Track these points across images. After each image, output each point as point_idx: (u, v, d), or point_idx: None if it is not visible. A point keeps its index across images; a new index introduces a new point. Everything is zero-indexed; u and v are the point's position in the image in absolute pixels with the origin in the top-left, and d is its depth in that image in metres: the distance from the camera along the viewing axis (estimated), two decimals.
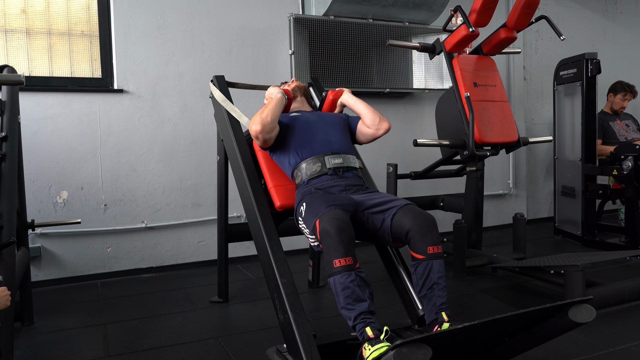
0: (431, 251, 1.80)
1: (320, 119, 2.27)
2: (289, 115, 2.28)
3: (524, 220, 3.37)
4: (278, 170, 2.27)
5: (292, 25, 3.68)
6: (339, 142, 2.17)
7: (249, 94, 3.69)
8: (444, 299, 1.78)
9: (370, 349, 1.58)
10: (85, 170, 3.32)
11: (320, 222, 1.75)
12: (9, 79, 2.26)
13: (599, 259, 2.59)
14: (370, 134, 2.25)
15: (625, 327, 2.31)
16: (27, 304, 2.55)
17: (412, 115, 4.31)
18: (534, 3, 2.89)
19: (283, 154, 2.18)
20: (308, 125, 2.20)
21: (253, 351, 2.15)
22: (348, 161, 2.12)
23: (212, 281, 3.02)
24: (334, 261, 1.69)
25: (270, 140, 2.13)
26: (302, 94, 2.47)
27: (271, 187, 2.23)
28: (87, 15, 3.36)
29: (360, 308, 1.66)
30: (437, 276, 1.79)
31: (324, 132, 2.18)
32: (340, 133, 2.22)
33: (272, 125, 2.09)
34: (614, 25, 5.30)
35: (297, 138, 2.16)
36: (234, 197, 2.63)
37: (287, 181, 2.24)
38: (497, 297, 2.80)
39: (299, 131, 2.18)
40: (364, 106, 2.27)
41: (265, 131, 2.07)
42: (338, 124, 2.27)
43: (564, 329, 1.52)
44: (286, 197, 2.19)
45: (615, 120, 4.35)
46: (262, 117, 2.08)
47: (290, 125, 2.20)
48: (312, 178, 2.06)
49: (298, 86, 2.47)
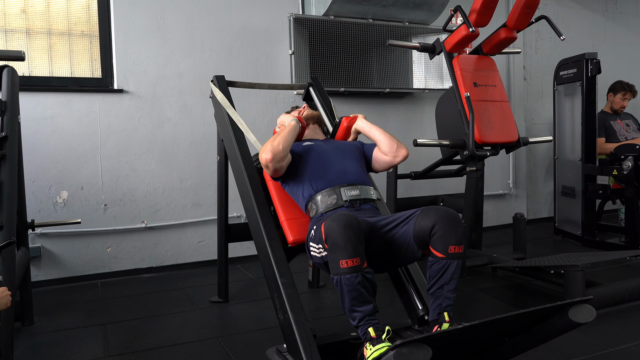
0: (452, 250, 1.72)
1: (335, 148, 2.17)
2: (301, 144, 2.17)
3: (524, 220, 3.37)
4: (290, 202, 2.15)
5: (292, 25, 3.68)
6: (355, 173, 2.07)
7: (249, 93, 3.69)
8: (450, 301, 1.75)
9: (371, 349, 1.58)
10: (85, 170, 3.32)
11: (326, 221, 1.68)
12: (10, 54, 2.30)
13: (599, 259, 2.59)
14: (387, 162, 2.15)
15: (625, 327, 2.31)
16: (27, 304, 2.55)
17: (412, 115, 4.31)
18: (534, 3, 2.89)
19: (296, 185, 2.07)
20: (322, 155, 2.10)
21: (253, 351, 2.15)
22: (365, 192, 2.02)
23: (212, 281, 3.02)
24: (341, 262, 1.61)
25: (281, 169, 2.02)
26: (315, 121, 2.38)
27: (283, 221, 2.11)
28: (87, 15, 3.36)
29: (365, 311, 1.65)
30: (450, 277, 1.74)
31: (340, 162, 2.08)
32: (356, 162, 2.13)
33: (283, 153, 1.98)
34: (614, 25, 5.30)
35: (312, 169, 2.05)
36: (234, 197, 2.63)
37: (300, 214, 2.12)
38: (497, 297, 2.80)
39: (313, 162, 2.07)
40: (379, 132, 2.17)
41: (276, 160, 1.96)
42: (353, 152, 2.17)
43: (564, 329, 1.52)
44: (299, 232, 2.07)
45: (615, 120, 4.35)
46: (273, 144, 1.97)
47: (304, 155, 2.10)
48: (328, 211, 1.95)
49: (311, 114, 2.39)
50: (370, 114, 4.10)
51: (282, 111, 3.80)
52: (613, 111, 4.40)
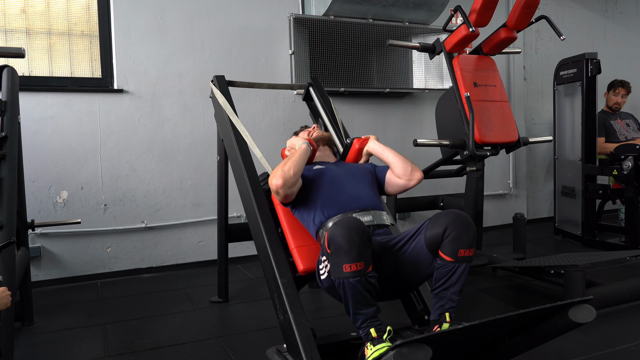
0: (462, 254, 1.69)
1: (347, 172, 2.10)
2: (312, 168, 2.10)
3: (524, 220, 3.37)
4: (300, 228, 2.06)
5: (292, 25, 3.68)
6: (368, 197, 2.00)
7: (249, 93, 3.69)
8: (454, 303, 1.73)
9: (372, 349, 1.58)
10: (85, 170, 3.32)
11: (330, 229, 1.63)
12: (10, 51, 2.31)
13: (599, 259, 2.59)
14: (401, 185, 2.06)
15: (625, 327, 2.31)
16: (27, 304, 2.55)
17: (412, 115, 4.31)
18: (534, 3, 2.89)
19: (307, 211, 1.98)
20: (334, 179, 2.03)
21: (253, 351, 2.15)
22: (378, 218, 1.94)
23: (212, 281, 3.02)
24: (344, 265, 1.57)
25: (291, 195, 1.95)
26: (325, 143, 2.32)
27: (293, 248, 2.01)
28: (87, 15, 3.36)
29: (368, 313, 1.64)
30: (457, 279, 1.71)
31: (352, 187, 2.01)
32: (368, 187, 2.06)
33: (294, 179, 1.91)
34: (614, 25, 5.30)
35: (323, 195, 1.97)
36: (234, 197, 2.63)
37: (311, 240, 2.03)
38: (497, 297, 2.80)
39: (325, 187, 1.99)
40: (393, 154, 2.09)
41: (287, 186, 1.90)
42: (365, 176, 2.10)
43: (564, 329, 1.52)
44: (310, 260, 1.96)
45: (616, 119, 4.35)
46: (284, 170, 1.90)
47: (315, 180, 2.02)
48: None
49: (321, 136, 2.33)
50: (370, 114, 4.11)
51: (282, 111, 3.81)
52: (611, 110, 4.40)
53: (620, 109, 4.41)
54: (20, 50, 2.37)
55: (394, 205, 3.46)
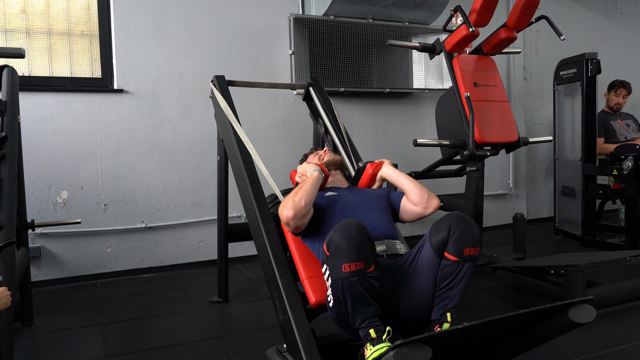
0: (467, 253, 1.66)
1: (361, 199, 2.04)
2: (324, 195, 2.03)
3: (524, 220, 3.37)
4: (312, 258, 1.98)
5: (292, 25, 3.68)
6: (382, 226, 1.93)
7: (249, 93, 3.69)
8: (456, 302, 1.72)
9: (372, 349, 1.58)
10: (85, 170, 3.32)
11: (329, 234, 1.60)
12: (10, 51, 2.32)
13: (599, 259, 2.59)
14: (417, 213, 2.00)
15: (625, 327, 2.31)
16: (27, 304, 2.55)
17: (412, 115, 4.31)
18: (534, 3, 2.89)
19: (318, 240, 1.90)
20: (347, 207, 1.96)
21: (253, 351, 2.15)
22: (392, 247, 1.89)
23: (212, 281, 3.02)
24: (343, 265, 1.54)
25: (303, 226, 1.88)
26: (337, 167, 2.24)
27: (304, 279, 1.93)
28: (87, 15, 3.36)
29: (367, 313, 1.63)
30: (460, 278, 1.69)
31: (365, 214, 1.92)
32: (382, 214, 1.99)
33: (306, 209, 1.84)
34: (614, 25, 5.30)
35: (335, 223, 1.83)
36: (234, 197, 2.63)
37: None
38: (497, 297, 2.80)
39: (338, 216, 1.91)
40: (408, 181, 2.03)
41: (298, 217, 1.82)
42: (380, 203, 2.04)
43: (564, 329, 1.52)
44: (322, 292, 1.85)
45: (616, 120, 4.35)
46: (294, 200, 1.82)
47: (328, 208, 1.96)
48: None
49: (333, 160, 2.24)
50: (370, 114, 4.12)
51: (282, 111, 3.81)
52: (612, 110, 4.40)
53: (621, 109, 4.41)
54: (20, 50, 2.38)
55: None
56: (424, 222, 4.33)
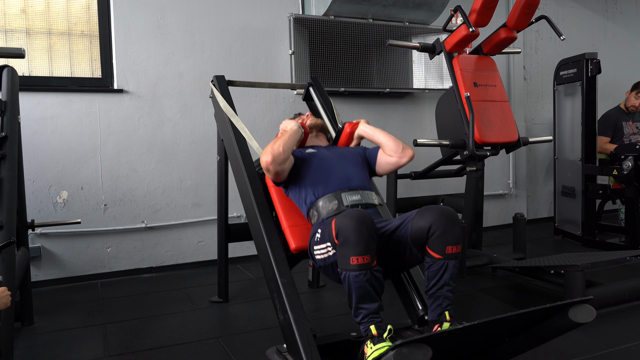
0: (450, 251, 1.72)
1: (337, 154, 2.16)
2: (304, 151, 2.17)
3: (524, 220, 3.37)
4: (293, 209, 2.13)
5: (292, 25, 3.68)
6: (357, 178, 2.05)
7: (249, 93, 3.69)
8: (450, 300, 1.76)
9: (372, 348, 1.58)
10: (85, 170, 3.32)
11: (338, 218, 1.66)
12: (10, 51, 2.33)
13: (599, 259, 2.59)
14: (392, 162, 2.11)
15: (625, 327, 2.31)
16: (27, 304, 2.55)
17: (412, 115, 4.31)
18: (534, 3, 2.89)
19: (298, 191, 2.05)
20: (324, 161, 2.09)
21: (253, 351, 2.15)
22: (367, 197, 2.00)
23: (212, 281, 3.02)
24: (351, 258, 1.60)
25: (282, 172, 2.00)
26: (319, 130, 2.38)
27: (286, 228, 2.09)
28: (87, 15, 3.36)
29: (371, 308, 1.65)
30: (449, 277, 1.74)
31: (341, 168, 2.06)
32: (358, 168, 2.11)
33: (284, 156, 1.97)
34: (614, 25, 5.30)
35: (313, 175, 2.04)
36: (234, 197, 2.63)
37: (303, 220, 2.10)
38: (497, 297, 2.80)
39: (316, 168, 2.06)
40: (383, 135, 2.14)
41: (276, 162, 1.95)
42: (356, 158, 2.16)
43: (564, 329, 1.52)
44: (302, 239, 2.04)
45: (628, 121, 4.33)
46: (273, 147, 1.96)
47: (306, 161, 2.09)
48: (329, 216, 1.91)
49: (315, 123, 2.38)
50: (370, 114, 4.11)
51: (282, 111, 3.81)
52: (627, 109, 4.36)
53: (636, 112, 4.36)
54: (20, 50, 2.38)
55: (394, 205, 3.46)
56: None
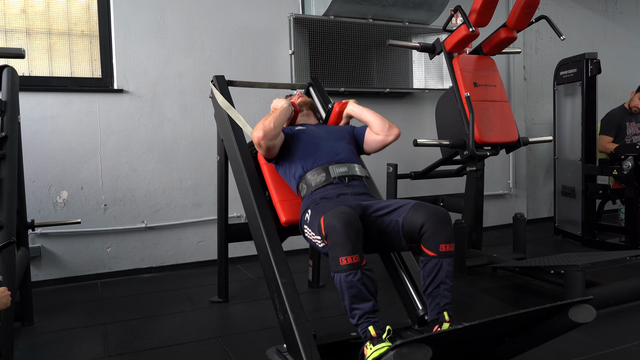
0: (443, 249, 1.75)
1: (326, 131, 2.25)
2: (294, 128, 2.25)
3: (524, 220, 3.37)
4: (283, 184, 2.22)
5: (292, 25, 3.68)
6: (344, 152, 2.14)
7: (248, 94, 3.69)
8: (448, 299, 1.77)
9: (372, 348, 1.58)
10: (85, 170, 3.32)
11: (326, 217, 1.70)
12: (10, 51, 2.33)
13: (599, 259, 2.59)
14: (379, 141, 2.20)
15: (625, 327, 2.31)
16: (27, 304, 2.55)
17: (412, 115, 4.31)
18: (534, 3, 2.89)
19: (288, 167, 2.14)
20: (313, 137, 2.18)
21: (253, 351, 2.15)
22: (353, 170, 2.09)
23: (212, 281, 3.02)
24: (340, 259, 1.64)
25: (273, 148, 2.08)
26: (308, 108, 2.45)
27: (276, 202, 2.18)
28: (87, 15, 3.36)
29: (365, 308, 1.66)
30: (445, 275, 1.76)
31: (329, 143, 2.15)
32: (345, 144, 2.19)
33: (274, 132, 2.05)
34: (614, 25, 5.30)
35: (302, 151, 2.12)
36: (234, 197, 2.63)
37: (293, 195, 2.18)
38: (497, 297, 2.80)
39: (304, 144, 2.14)
40: (371, 114, 2.23)
41: (267, 138, 2.03)
42: (344, 135, 2.24)
43: (564, 329, 1.52)
44: (292, 212, 2.13)
45: (632, 122, 4.33)
46: (264, 123, 2.04)
47: (296, 138, 2.17)
48: (318, 188, 2.02)
49: (304, 101, 2.45)
50: None
51: None
52: (631, 110, 4.36)
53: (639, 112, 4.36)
54: (20, 50, 2.38)
55: None
56: None
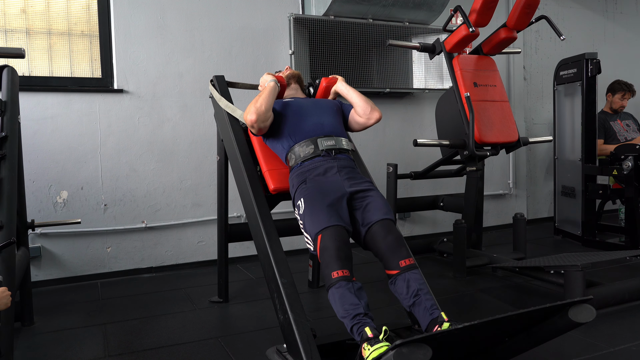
0: (404, 264, 1.84)
1: (313, 103, 2.31)
2: (282, 101, 2.31)
3: (524, 220, 3.37)
4: (272, 155, 2.31)
5: (292, 25, 3.68)
6: (332, 125, 2.21)
7: (249, 93, 3.68)
8: (433, 301, 1.80)
9: (370, 349, 1.57)
10: (85, 170, 3.32)
11: (322, 239, 1.83)
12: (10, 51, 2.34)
13: (599, 259, 2.59)
14: (361, 123, 2.30)
15: (625, 327, 2.31)
16: (27, 304, 2.55)
17: (412, 115, 4.31)
18: (534, 3, 2.89)
19: (277, 139, 2.21)
20: (301, 109, 2.24)
21: (253, 351, 2.15)
22: (340, 143, 2.15)
23: (212, 281, 3.02)
24: (332, 273, 1.75)
25: (265, 128, 2.17)
26: (296, 81, 2.50)
27: (265, 171, 2.28)
28: (87, 15, 3.36)
29: (357, 310, 1.69)
30: (417, 284, 1.82)
31: (317, 115, 2.22)
32: (332, 117, 2.26)
33: (266, 114, 2.13)
34: (614, 25, 5.30)
35: (290, 123, 2.19)
36: (234, 197, 2.63)
37: (281, 165, 2.28)
38: (497, 297, 2.80)
39: (292, 116, 2.21)
40: (356, 95, 2.30)
41: (260, 120, 2.11)
42: (331, 108, 2.30)
43: (564, 329, 1.52)
44: (280, 181, 2.24)
45: (615, 120, 4.35)
46: (256, 106, 2.11)
47: (283, 111, 2.24)
48: (306, 160, 2.09)
49: (292, 74, 2.50)
50: None
51: None
52: (613, 111, 4.39)
53: (621, 111, 4.41)
54: (20, 50, 2.39)
55: (394, 205, 3.46)
56: (423, 223, 4.34)
